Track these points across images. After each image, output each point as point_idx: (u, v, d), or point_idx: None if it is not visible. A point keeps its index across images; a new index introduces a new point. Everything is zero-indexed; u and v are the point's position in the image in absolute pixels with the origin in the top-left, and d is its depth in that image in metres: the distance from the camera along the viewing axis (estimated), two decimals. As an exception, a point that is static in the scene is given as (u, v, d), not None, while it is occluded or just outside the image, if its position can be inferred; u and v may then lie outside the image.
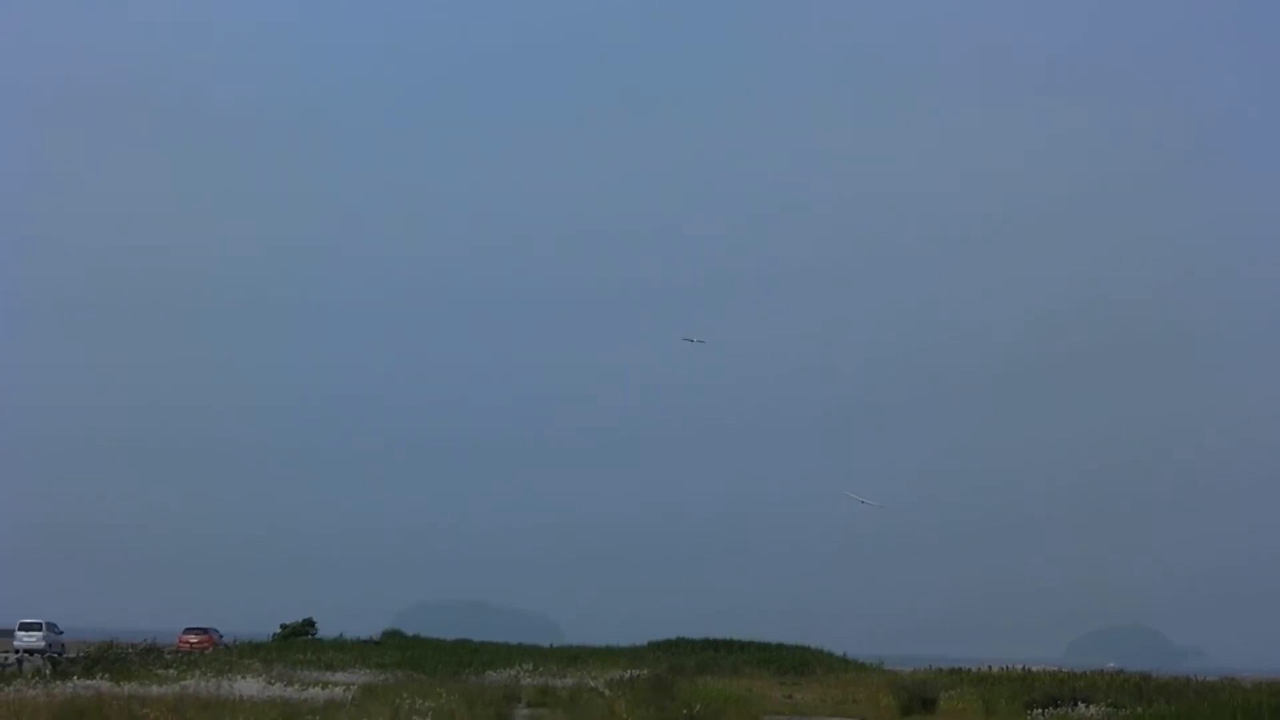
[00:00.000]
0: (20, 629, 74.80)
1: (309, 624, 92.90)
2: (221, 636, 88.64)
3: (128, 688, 38.91)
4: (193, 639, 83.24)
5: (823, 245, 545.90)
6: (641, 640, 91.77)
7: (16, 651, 65.79)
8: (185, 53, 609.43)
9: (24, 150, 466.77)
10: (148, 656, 63.49)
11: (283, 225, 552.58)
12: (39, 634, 73.39)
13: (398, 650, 75.73)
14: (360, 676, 51.46)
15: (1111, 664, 77.96)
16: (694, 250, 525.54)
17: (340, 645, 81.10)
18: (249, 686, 41.03)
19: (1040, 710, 43.37)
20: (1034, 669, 64.86)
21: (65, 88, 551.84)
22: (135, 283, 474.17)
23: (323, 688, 42.39)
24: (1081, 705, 43.53)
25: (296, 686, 42.16)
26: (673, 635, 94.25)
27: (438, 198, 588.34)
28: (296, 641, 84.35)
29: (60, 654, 65.61)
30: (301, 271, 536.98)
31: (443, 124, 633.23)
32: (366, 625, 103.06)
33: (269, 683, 43.00)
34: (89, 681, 40.55)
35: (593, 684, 50.38)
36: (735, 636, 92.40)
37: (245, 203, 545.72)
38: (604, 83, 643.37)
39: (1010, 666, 66.12)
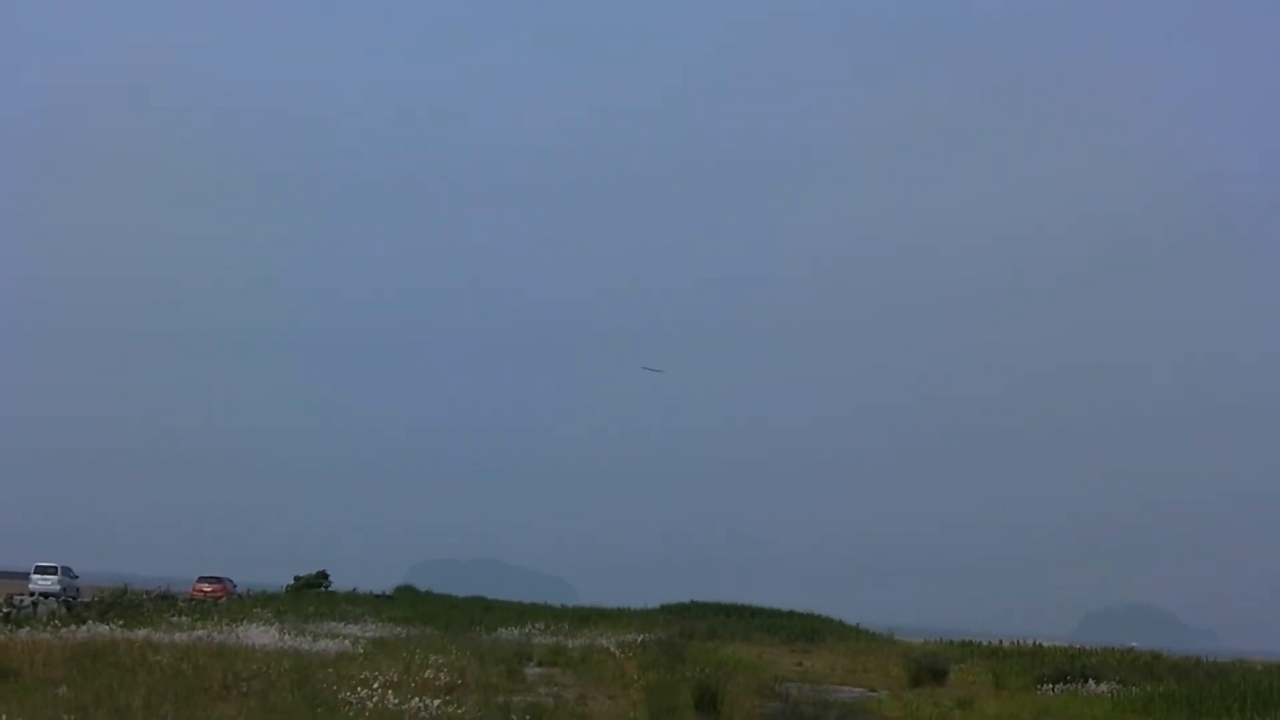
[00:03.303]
0: (36, 572, 75.42)
1: (323, 576, 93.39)
2: (236, 586, 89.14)
3: (141, 633, 39.07)
4: (207, 588, 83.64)
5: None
6: (654, 603, 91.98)
7: (32, 595, 66.28)
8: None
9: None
10: (161, 603, 63.81)
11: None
12: (54, 578, 73.98)
13: (410, 605, 75.99)
14: (372, 630, 51.56)
15: (1134, 643, 77.67)
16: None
17: (353, 598, 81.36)
18: (261, 636, 41.14)
19: (1050, 685, 43.19)
20: (1045, 645, 64.76)
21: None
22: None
23: (334, 640, 42.49)
24: (1091, 682, 43.34)
25: (309, 638, 42.24)
26: (685, 599, 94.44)
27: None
28: (310, 594, 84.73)
29: (75, 598, 66.07)
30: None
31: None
32: (380, 580, 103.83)
33: (281, 633, 43.11)
34: (103, 626, 40.70)
35: (605, 645, 50.39)
36: (747, 602, 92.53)
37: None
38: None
39: (1021, 642, 66.01)
